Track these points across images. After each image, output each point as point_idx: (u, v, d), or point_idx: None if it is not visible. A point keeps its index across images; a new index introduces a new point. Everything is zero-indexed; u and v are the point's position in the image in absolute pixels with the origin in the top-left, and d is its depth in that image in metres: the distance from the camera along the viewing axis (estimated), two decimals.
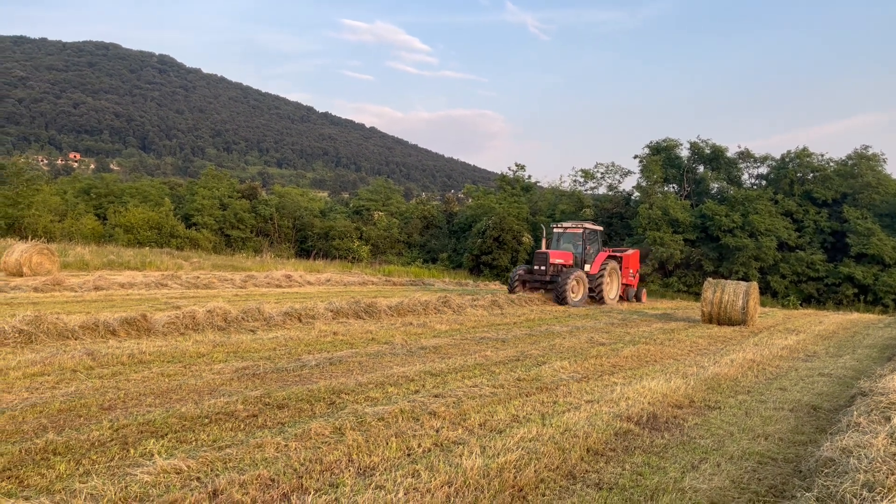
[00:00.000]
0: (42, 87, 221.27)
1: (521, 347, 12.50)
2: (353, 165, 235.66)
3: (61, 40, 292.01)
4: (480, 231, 42.03)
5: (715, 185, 40.19)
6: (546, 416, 7.30)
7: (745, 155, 39.96)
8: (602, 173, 43.12)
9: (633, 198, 41.59)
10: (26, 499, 4.55)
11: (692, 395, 8.81)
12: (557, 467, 5.71)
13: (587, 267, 23.77)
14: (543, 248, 24.27)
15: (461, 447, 6.02)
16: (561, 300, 21.90)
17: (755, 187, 39.23)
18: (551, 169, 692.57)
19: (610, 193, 43.14)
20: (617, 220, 40.84)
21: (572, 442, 6.32)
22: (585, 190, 43.85)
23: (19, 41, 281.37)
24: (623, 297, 26.03)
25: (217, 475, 5.11)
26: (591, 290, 23.37)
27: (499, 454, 5.81)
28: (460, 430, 6.63)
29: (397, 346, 11.91)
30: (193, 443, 5.95)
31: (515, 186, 48.40)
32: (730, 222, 34.65)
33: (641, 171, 39.57)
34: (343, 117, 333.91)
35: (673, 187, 40.97)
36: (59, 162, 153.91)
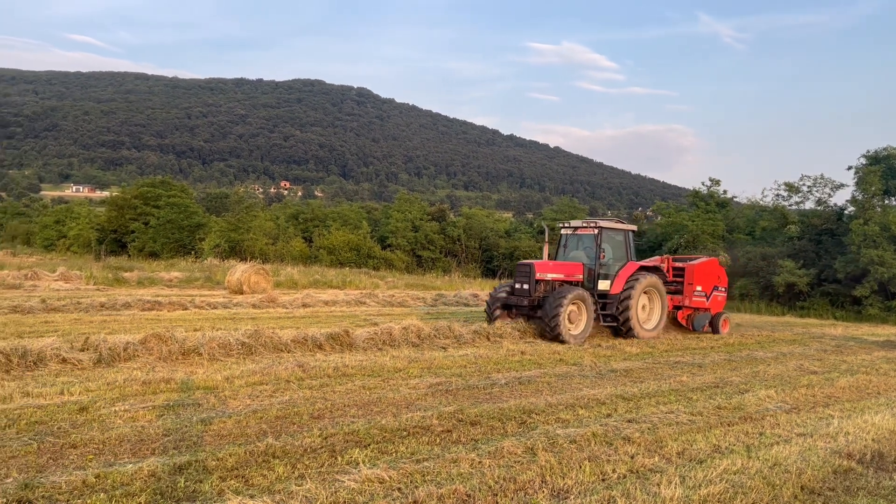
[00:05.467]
0: (258, 123, 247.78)
1: (719, 373, 11.78)
2: (538, 186, 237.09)
3: (274, 80, 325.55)
4: (672, 249, 40.31)
5: None
6: (752, 448, 6.81)
7: None
8: (809, 186, 39.32)
9: (846, 212, 37.70)
10: (251, 497, 5.03)
11: None
12: None
13: (605, 284, 16.19)
14: (544, 257, 17.30)
15: (658, 475, 5.79)
16: (552, 334, 14.59)
17: None
18: (749, 183, 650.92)
19: (818, 208, 39.38)
20: (827, 237, 37.20)
21: (783, 478, 5.84)
22: (790, 205, 40.39)
23: (240, 83, 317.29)
24: (688, 327, 18.47)
25: (416, 487, 5.33)
26: (609, 317, 16.16)
27: (700, 485, 5.51)
28: (657, 458, 6.37)
29: (586, 367, 11.74)
30: (394, 454, 6.26)
31: (710, 202, 45.75)
32: None
33: (857, 183, 35.66)
34: (527, 138, 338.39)
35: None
36: (272, 190, 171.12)
